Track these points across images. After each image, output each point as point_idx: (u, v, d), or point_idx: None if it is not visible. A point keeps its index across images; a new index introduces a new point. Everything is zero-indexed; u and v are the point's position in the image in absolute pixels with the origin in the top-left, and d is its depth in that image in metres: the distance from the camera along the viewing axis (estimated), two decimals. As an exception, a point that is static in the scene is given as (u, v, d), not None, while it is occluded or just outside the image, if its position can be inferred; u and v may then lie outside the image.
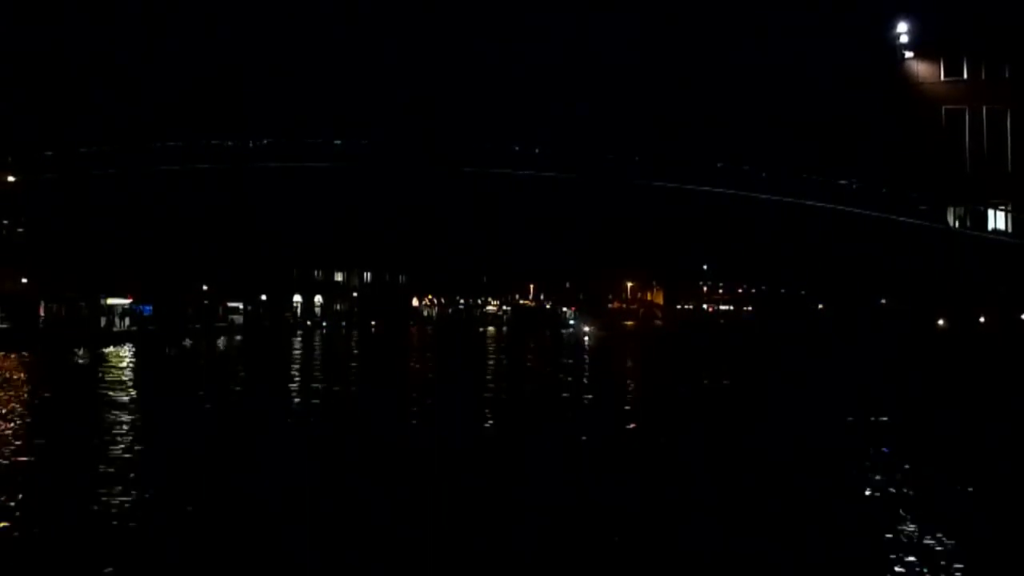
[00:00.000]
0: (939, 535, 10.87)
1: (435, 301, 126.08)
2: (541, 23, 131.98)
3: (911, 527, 11.34)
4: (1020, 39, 46.27)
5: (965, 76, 47.93)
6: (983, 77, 47.81)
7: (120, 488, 12.86)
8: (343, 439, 18.21)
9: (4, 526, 10.66)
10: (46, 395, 25.95)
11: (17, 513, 11.46)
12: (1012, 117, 46.92)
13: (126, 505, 11.95)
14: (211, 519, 11.46)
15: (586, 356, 53.27)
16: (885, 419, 21.81)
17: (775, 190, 47.20)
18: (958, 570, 9.57)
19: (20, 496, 12.36)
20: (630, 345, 64.04)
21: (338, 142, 50.82)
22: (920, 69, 48.40)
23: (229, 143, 49.15)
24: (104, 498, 12.16)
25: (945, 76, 48.07)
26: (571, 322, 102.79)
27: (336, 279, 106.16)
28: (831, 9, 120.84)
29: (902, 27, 47.92)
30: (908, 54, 48.36)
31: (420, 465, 15.15)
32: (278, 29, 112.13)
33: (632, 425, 21.01)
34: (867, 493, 13.61)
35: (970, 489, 13.88)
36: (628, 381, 35.37)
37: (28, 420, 20.32)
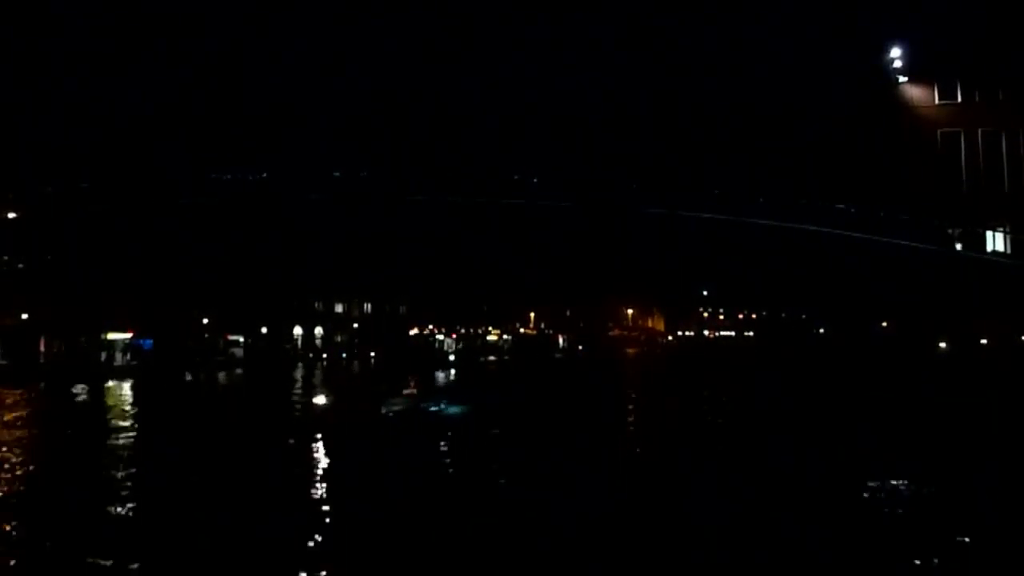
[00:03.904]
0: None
1: (436, 331, 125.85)
2: (539, 52, 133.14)
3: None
4: (1012, 62, 46.62)
5: (959, 99, 48.26)
6: (977, 100, 48.15)
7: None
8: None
9: None
10: (43, 433, 25.79)
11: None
12: (1007, 139, 47.17)
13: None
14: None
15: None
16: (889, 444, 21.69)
17: (773, 215, 47.28)
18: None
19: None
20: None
21: (337, 174, 50.98)
22: (914, 93, 48.72)
23: (228, 176, 49.32)
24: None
25: (939, 100, 48.40)
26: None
27: (336, 310, 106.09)
28: (825, 35, 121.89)
29: (895, 52, 48.32)
30: (902, 79, 48.72)
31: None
32: (273, 62, 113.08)
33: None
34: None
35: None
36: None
37: (22, 461, 20.17)
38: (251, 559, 11.32)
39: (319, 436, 23.45)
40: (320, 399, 34.91)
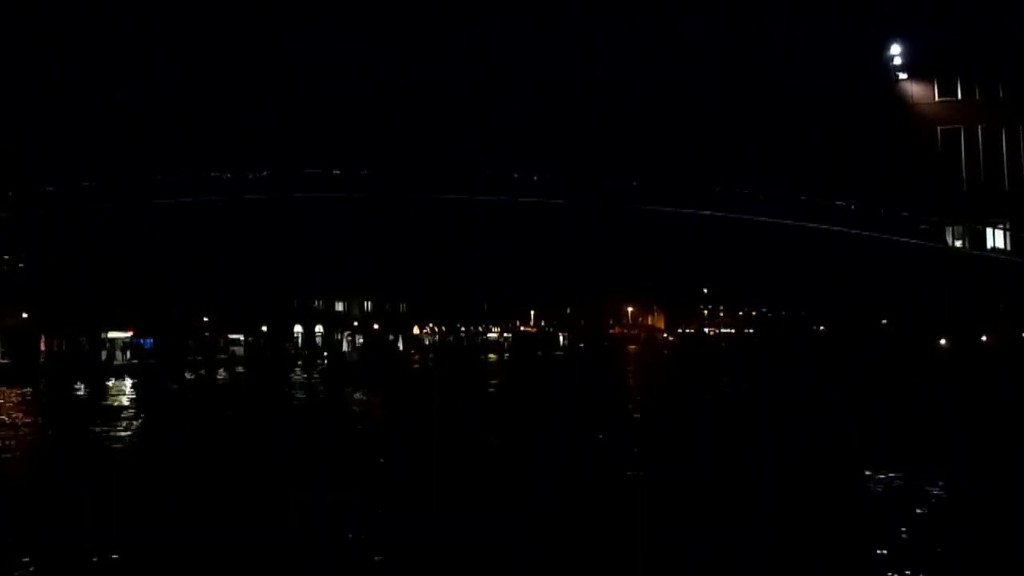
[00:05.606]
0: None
1: (436, 329, 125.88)
2: (535, 49, 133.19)
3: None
4: (1011, 58, 46.64)
5: (959, 96, 48.28)
6: (977, 97, 48.17)
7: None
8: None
9: None
10: (45, 432, 25.81)
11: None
12: (1007, 135, 47.20)
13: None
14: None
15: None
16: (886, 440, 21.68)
17: (773, 213, 47.31)
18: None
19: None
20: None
21: (337, 172, 50.92)
22: (914, 90, 48.77)
23: (228, 175, 49.28)
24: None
25: (939, 97, 48.42)
26: None
27: (337, 309, 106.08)
28: (825, 33, 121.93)
29: (895, 49, 48.33)
30: (902, 76, 48.73)
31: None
32: (272, 59, 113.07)
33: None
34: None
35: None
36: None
37: (25, 459, 20.17)
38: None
39: None
40: None
